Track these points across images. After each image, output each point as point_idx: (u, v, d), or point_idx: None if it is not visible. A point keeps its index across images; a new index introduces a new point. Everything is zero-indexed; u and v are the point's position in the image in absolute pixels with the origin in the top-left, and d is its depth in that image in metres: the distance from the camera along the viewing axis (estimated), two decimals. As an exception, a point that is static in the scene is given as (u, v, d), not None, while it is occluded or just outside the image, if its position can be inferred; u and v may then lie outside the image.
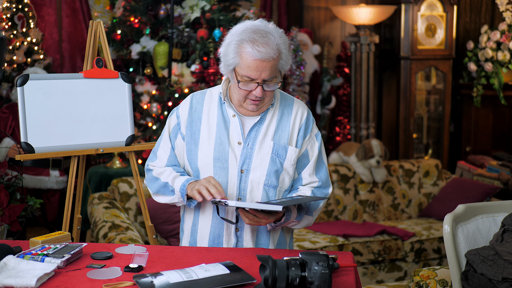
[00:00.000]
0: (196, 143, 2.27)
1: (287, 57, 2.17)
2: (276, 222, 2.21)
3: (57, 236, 2.22)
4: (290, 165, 2.26)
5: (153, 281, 1.81)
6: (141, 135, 4.64)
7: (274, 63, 2.12)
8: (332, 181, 4.73)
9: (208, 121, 2.27)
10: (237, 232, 2.27)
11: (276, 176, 2.24)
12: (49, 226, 4.78)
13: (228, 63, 2.15)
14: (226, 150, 2.23)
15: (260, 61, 2.09)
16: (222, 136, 2.24)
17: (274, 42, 2.10)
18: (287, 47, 2.17)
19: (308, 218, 2.30)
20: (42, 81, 2.94)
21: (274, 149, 2.24)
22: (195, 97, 2.32)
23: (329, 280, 1.76)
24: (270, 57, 2.09)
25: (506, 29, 5.76)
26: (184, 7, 4.73)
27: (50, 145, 2.93)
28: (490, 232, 2.49)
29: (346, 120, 6.06)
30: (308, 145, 2.30)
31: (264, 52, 2.08)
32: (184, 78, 4.65)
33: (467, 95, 6.10)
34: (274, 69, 2.13)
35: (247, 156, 2.23)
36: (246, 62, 2.11)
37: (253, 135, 2.25)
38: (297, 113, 2.30)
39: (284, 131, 2.27)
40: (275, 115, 2.28)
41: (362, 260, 4.25)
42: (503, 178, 4.88)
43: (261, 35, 2.10)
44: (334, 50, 6.16)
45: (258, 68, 2.10)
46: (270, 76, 2.13)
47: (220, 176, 2.23)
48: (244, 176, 2.23)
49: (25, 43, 4.74)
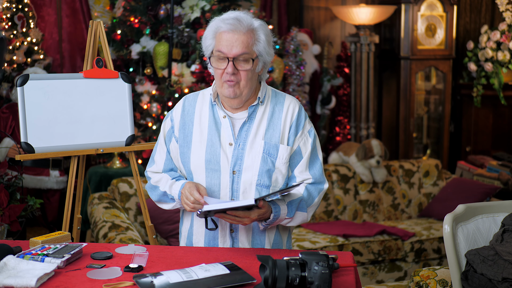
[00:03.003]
0: (188, 145, 2.27)
1: (266, 43, 2.19)
2: (267, 221, 2.19)
3: (57, 236, 2.22)
4: (282, 164, 2.24)
5: (153, 281, 1.81)
6: (141, 135, 4.65)
7: (246, 39, 2.14)
8: (332, 181, 4.73)
9: (200, 123, 2.26)
10: (232, 233, 2.26)
11: (268, 176, 2.23)
12: (49, 226, 4.77)
13: (206, 44, 2.21)
14: (217, 152, 2.23)
15: (230, 33, 2.13)
16: (214, 138, 2.24)
17: (247, 21, 2.16)
18: (268, 36, 2.20)
19: (302, 215, 2.25)
20: (42, 81, 2.94)
21: (265, 149, 2.22)
22: (187, 99, 2.32)
23: (329, 280, 1.76)
24: (238, 30, 2.13)
25: (506, 29, 5.76)
26: (184, 7, 4.73)
27: (50, 145, 2.93)
28: (490, 232, 2.49)
29: (346, 120, 6.06)
30: (301, 142, 2.28)
31: (232, 25, 2.13)
32: (184, 78, 4.65)
33: (467, 95, 6.10)
34: (246, 46, 2.14)
35: (238, 157, 2.22)
36: (218, 39, 2.16)
37: (244, 135, 2.23)
38: (288, 109, 2.27)
39: (276, 129, 2.25)
40: (266, 112, 2.26)
41: (362, 260, 4.25)
42: (503, 178, 4.88)
43: (234, 16, 2.16)
44: (334, 50, 6.16)
45: (228, 41, 2.14)
46: (242, 52, 2.14)
47: (213, 178, 2.23)
48: (236, 177, 2.22)
49: (25, 43, 4.74)
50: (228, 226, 2.25)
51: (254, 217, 2.12)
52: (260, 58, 2.19)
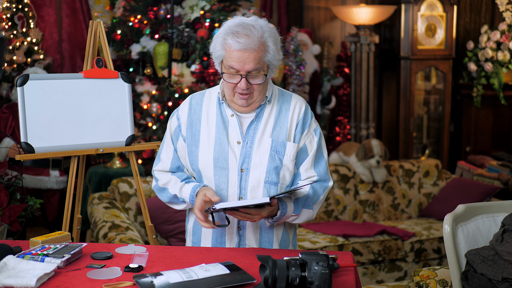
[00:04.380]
0: (196, 144, 2.28)
1: (275, 51, 2.18)
2: (273, 218, 2.20)
3: (57, 236, 2.22)
4: (290, 161, 2.26)
5: (153, 281, 1.81)
6: (141, 135, 4.64)
7: (258, 55, 2.14)
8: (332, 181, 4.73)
9: (208, 121, 2.28)
10: (240, 231, 2.27)
11: (276, 173, 2.24)
12: (49, 226, 4.77)
13: (216, 55, 2.20)
14: (225, 150, 2.24)
15: (241, 51, 2.12)
16: (222, 136, 2.25)
17: (257, 34, 2.13)
18: (276, 43, 2.20)
19: (308, 212, 2.28)
20: (42, 81, 2.94)
21: (273, 146, 2.24)
22: (194, 98, 2.33)
23: (329, 280, 1.76)
24: (250, 47, 2.11)
25: (506, 29, 5.76)
26: (184, 7, 4.73)
27: (50, 145, 2.93)
28: (490, 232, 2.49)
29: (346, 120, 6.06)
30: (307, 140, 2.30)
31: (244, 43, 2.11)
32: (184, 78, 4.65)
33: (467, 95, 6.10)
34: (258, 61, 2.14)
35: (246, 155, 2.24)
36: (229, 53, 2.14)
37: (251, 133, 2.25)
38: (295, 108, 2.30)
39: (283, 127, 2.27)
40: (273, 111, 2.28)
41: (362, 260, 4.25)
42: (503, 178, 4.88)
43: (243, 27, 2.14)
44: (334, 50, 6.16)
45: (240, 59, 2.12)
46: (254, 68, 2.14)
47: (221, 176, 2.24)
48: (244, 175, 2.23)
49: (25, 43, 4.74)
50: (235, 224, 2.27)
51: (265, 214, 2.14)
52: (270, 66, 2.20)
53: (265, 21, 2.21)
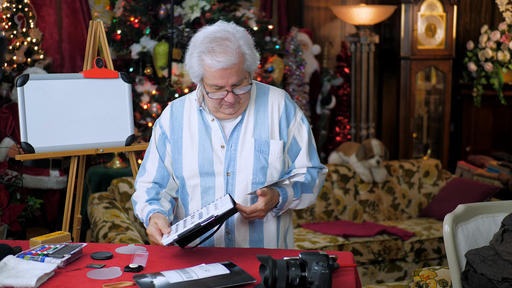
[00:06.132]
0: (179, 151, 2.25)
1: (252, 57, 2.13)
2: (277, 205, 2.19)
3: (57, 236, 2.22)
4: (276, 159, 2.23)
5: (153, 281, 1.81)
6: (141, 135, 4.64)
7: (239, 67, 2.08)
8: (332, 181, 4.74)
9: (190, 128, 2.25)
10: (228, 235, 2.26)
11: (263, 173, 2.22)
12: (49, 226, 4.78)
13: (195, 74, 2.13)
14: (210, 156, 2.21)
15: (222, 70, 2.06)
16: (205, 142, 2.22)
17: (233, 47, 2.06)
18: (251, 47, 2.13)
19: (310, 196, 2.27)
20: (42, 81, 2.94)
21: (256, 146, 2.21)
22: (174, 105, 2.30)
23: (329, 280, 1.75)
24: (231, 64, 2.06)
25: (506, 29, 5.76)
26: (184, 7, 4.73)
27: (50, 145, 2.93)
28: (490, 232, 2.49)
29: (346, 120, 6.06)
30: (295, 131, 2.27)
31: (224, 61, 2.05)
32: (184, 78, 4.65)
33: (467, 95, 6.10)
34: (240, 73, 2.09)
35: (231, 158, 2.21)
36: (210, 73, 2.08)
37: (235, 135, 2.22)
38: (273, 104, 2.25)
39: (264, 124, 2.23)
40: (251, 110, 2.24)
41: (362, 260, 4.25)
42: (503, 178, 4.88)
43: (218, 44, 2.06)
44: (334, 50, 6.16)
45: (223, 76, 2.07)
46: (238, 80, 2.09)
47: (207, 182, 2.22)
48: (230, 179, 2.21)
49: (25, 43, 4.74)
50: (223, 229, 2.25)
51: (262, 207, 2.12)
52: (251, 71, 2.16)
53: (233, 25, 2.14)
